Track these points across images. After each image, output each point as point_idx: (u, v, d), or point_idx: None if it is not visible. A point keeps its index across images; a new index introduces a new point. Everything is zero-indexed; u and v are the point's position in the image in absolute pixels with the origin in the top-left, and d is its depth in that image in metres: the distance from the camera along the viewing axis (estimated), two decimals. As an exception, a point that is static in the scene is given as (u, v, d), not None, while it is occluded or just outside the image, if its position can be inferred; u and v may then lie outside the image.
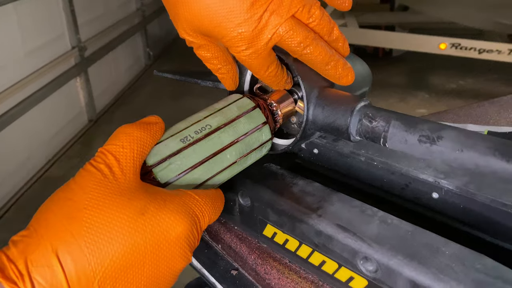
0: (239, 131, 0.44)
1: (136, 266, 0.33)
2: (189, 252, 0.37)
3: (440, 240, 0.38)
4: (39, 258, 0.31)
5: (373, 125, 0.42)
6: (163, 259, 0.35)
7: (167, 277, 0.36)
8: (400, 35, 2.99)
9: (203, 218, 0.38)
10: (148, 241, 0.34)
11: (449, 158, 0.37)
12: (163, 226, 0.35)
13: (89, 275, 0.31)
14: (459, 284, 0.34)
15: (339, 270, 0.42)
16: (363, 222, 0.41)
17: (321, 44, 0.44)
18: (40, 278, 0.30)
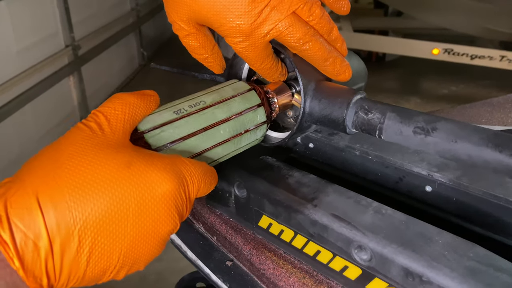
0: (233, 110, 0.44)
1: (119, 219, 0.32)
2: (176, 215, 0.36)
3: (433, 230, 0.39)
4: (18, 200, 0.30)
5: (369, 117, 0.42)
6: (148, 216, 0.34)
7: (153, 239, 0.35)
8: (394, 40, 3.02)
9: (192, 183, 0.37)
10: (132, 194, 0.33)
11: (443, 149, 0.38)
12: (149, 181, 0.34)
13: (69, 222, 0.30)
14: (452, 271, 0.35)
15: (334, 260, 0.43)
16: (357, 212, 0.42)
17: (320, 40, 0.44)
18: (18, 221, 0.29)
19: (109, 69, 3.63)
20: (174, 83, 3.58)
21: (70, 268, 0.31)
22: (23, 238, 0.29)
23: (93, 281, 0.33)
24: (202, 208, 0.57)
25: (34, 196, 0.30)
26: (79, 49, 3.04)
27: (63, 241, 0.30)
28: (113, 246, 0.32)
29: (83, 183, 0.32)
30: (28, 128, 2.54)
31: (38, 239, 0.29)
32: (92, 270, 0.32)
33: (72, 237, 0.30)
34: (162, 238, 0.36)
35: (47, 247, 0.30)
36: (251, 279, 0.49)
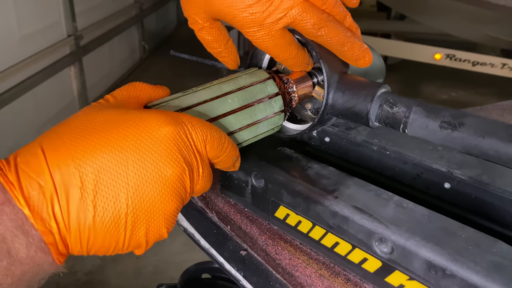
0: (240, 83, 0.45)
1: (118, 157, 0.33)
2: (180, 157, 0.35)
3: (456, 225, 0.39)
4: (25, 150, 0.32)
5: (393, 111, 0.42)
6: (148, 157, 0.33)
7: (160, 183, 0.34)
8: (396, 43, 3.03)
9: (194, 129, 0.36)
10: (128, 134, 0.33)
11: (470, 144, 0.38)
12: (146, 123, 0.34)
13: (68, 161, 0.31)
14: (476, 265, 0.35)
15: (353, 252, 0.43)
16: (379, 205, 0.42)
17: (336, 25, 0.44)
18: (23, 164, 0.31)
19: (110, 61, 3.62)
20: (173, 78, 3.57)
21: (77, 212, 0.31)
22: (27, 178, 0.30)
23: (110, 238, 0.32)
24: (216, 198, 0.56)
25: (38, 145, 0.32)
26: (81, 39, 3.02)
27: (66, 182, 0.31)
28: (117, 186, 0.32)
29: (81, 128, 0.33)
30: (28, 117, 2.52)
31: (41, 178, 0.30)
32: (102, 218, 0.32)
33: (74, 178, 0.31)
34: (170, 184, 0.34)
35: (51, 187, 0.30)
36: (266, 269, 0.49)
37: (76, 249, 0.32)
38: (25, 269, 0.30)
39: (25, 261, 0.30)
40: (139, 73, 3.98)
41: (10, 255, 0.29)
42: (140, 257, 1.94)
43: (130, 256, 1.94)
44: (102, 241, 0.32)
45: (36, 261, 0.30)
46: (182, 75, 3.60)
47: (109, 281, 1.85)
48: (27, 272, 0.30)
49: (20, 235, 0.30)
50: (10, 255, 0.29)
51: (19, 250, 0.30)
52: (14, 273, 0.29)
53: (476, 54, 2.77)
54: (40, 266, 0.31)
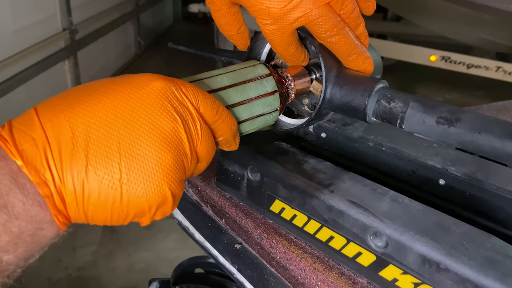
0: (230, 68, 0.45)
1: (108, 111, 0.33)
2: (170, 106, 0.35)
3: (451, 220, 0.39)
4: (21, 115, 0.33)
5: (391, 106, 0.43)
6: (139, 110, 0.34)
7: (154, 137, 0.34)
8: (392, 44, 3.04)
9: (184, 86, 0.37)
10: (118, 90, 0.34)
11: (466, 140, 0.38)
12: (135, 81, 0.35)
13: (59, 115, 0.32)
14: (470, 259, 0.35)
15: (347, 246, 0.43)
16: (374, 200, 0.42)
17: (347, 35, 0.45)
18: (17, 124, 0.32)
19: (105, 55, 3.60)
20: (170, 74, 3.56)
21: (70, 163, 0.31)
22: (20, 133, 0.31)
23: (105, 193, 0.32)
24: (211, 191, 0.56)
25: (32, 108, 0.33)
26: (76, 33, 3.00)
27: (57, 133, 0.31)
28: (107, 135, 0.32)
29: (71, 92, 0.34)
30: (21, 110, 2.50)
31: (33, 131, 0.31)
32: (95, 168, 0.31)
33: (65, 129, 0.31)
34: (163, 134, 0.34)
35: (43, 139, 0.31)
36: (260, 262, 0.49)
37: (73, 208, 0.31)
38: (22, 226, 0.30)
39: (22, 216, 0.29)
40: (134, 68, 3.97)
41: (6, 209, 0.29)
42: (132, 253, 1.93)
43: (122, 252, 1.93)
44: (98, 197, 0.31)
45: (33, 217, 0.30)
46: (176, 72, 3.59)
47: (101, 277, 1.84)
48: (24, 230, 0.30)
49: (15, 188, 0.29)
50: (6, 210, 0.29)
51: (14, 204, 0.29)
52: (11, 230, 0.29)
53: (471, 56, 2.78)
54: (38, 224, 0.30)
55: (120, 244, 1.97)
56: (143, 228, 2.04)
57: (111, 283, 1.82)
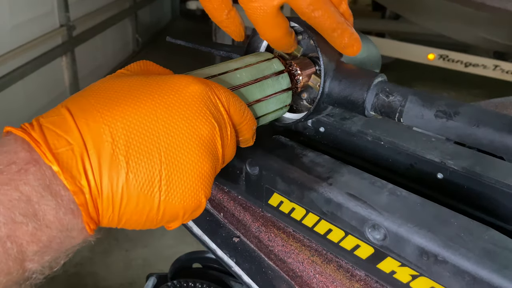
0: (247, 61, 0.45)
1: (149, 117, 0.31)
2: (210, 115, 0.34)
3: (449, 212, 0.39)
4: (50, 113, 0.31)
5: (389, 100, 0.43)
6: (178, 114, 0.33)
7: (192, 141, 0.33)
8: (390, 42, 3.04)
9: (217, 89, 0.36)
10: (155, 91, 0.33)
11: (464, 133, 0.38)
12: (172, 83, 0.34)
13: (97, 120, 0.30)
14: (468, 251, 0.35)
15: (345, 239, 0.43)
16: (373, 193, 0.42)
17: (330, 9, 0.44)
18: (49, 124, 0.29)
19: (102, 52, 3.59)
20: (168, 71, 3.55)
21: (109, 169, 0.29)
22: (54, 136, 0.29)
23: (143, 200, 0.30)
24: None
25: (63, 107, 0.31)
26: (73, 29, 3.00)
27: (95, 138, 0.29)
28: (149, 141, 0.31)
29: (106, 91, 0.32)
30: (18, 106, 2.50)
31: (70, 135, 0.29)
32: (135, 175, 0.30)
33: (104, 134, 0.29)
34: (202, 141, 0.33)
35: (80, 143, 0.29)
36: (258, 255, 0.49)
37: (107, 215, 0.30)
38: (53, 235, 0.28)
39: (53, 225, 0.28)
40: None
41: (36, 218, 0.27)
42: (129, 249, 1.93)
43: (119, 249, 1.93)
44: (136, 204, 0.30)
45: (65, 226, 0.28)
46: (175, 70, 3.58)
47: (98, 273, 1.84)
48: (54, 238, 0.28)
49: (48, 196, 0.27)
50: (36, 218, 0.27)
51: (46, 212, 0.27)
52: (40, 239, 0.27)
53: (469, 55, 2.79)
54: (69, 232, 0.29)
55: (118, 240, 1.97)
56: (140, 224, 2.04)
57: (108, 280, 1.82)
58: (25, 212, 0.26)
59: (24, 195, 0.26)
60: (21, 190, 0.26)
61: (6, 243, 0.25)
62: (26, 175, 0.27)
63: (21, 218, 0.26)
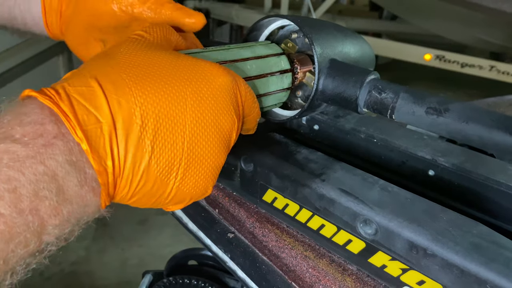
0: (257, 52, 0.45)
1: (179, 104, 0.31)
2: (233, 111, 0.34)
3: (438, 208, 0.40)
4: (76, 81, 0.29)
5: (382, 97, 0.43)
6: (206, 104, 0.33)
7: (214, 134, 0.33)
8: (387, 43, 3.05)
9: (240, 85, 0.36)
10: (187, 78, 0.32)
11: (454, 129, 0.39)
12: (203, 71, 0.33)
13: (130, 100, 0.29)
14: (456, 245, 0.36)
15: (338, 234, 0.44)
16: (364, 188, 0.43)
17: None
18: (77, 95, 0.28)
19: (100, 51, 3.58)
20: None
21: (134, 152, 0.29)
22: (84, 111, 0.28)
23: (159, 187, 0.31)
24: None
25: (93, 78, 0.29)
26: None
27: (125, 118, 0.29)
28: (176, 129, 0.31)
29: (137, 66, 0.31)
30: (15, 105, 2.49)
31: (100, 112, 0.28)
32: (157, 161, 0.30)
33: (134, 116, 0.29)
34: (223, 134, 0.34)
35: (109, 122, 0.28)
36: (252, 251, 0.50)
37: (122, 193, 0.30)
38: (73, 210, 0.28)
39: (74, 200, 0.27)
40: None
41: (59, 193, 0.26)
42: (125, 248, 1.93)
43: (115, 248, 1.93)
44: (151, 187, 0.31)
45: (85, 202, 0.28)
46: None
47: (94, 272, 1.84)
48: (73, 213, 0.28)
49: (73, 172, 0.27)
50: (59, 194, 0.26)
51: (69, 188, 0.27)
52: (61, 213, 0.27)
53: (465, 56, 2.80)
54: (87, 208, 0.29)
55: (114, 239, 1.97)
56: (136, 223, 2.04)
57: (104, 278, 1.82)
58: (49, 186, 0.26)
59: (49, 170, 0.26)
60: (47, 165, 0.26)
61: (28, 217, 0.25)
62: (53, 149, 0.26)
63: (45, 192, 0.26)
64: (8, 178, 0.24)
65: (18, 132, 0.26)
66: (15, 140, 0.25)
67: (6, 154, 0.25)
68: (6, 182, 0.24)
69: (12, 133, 0.26)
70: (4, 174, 0.24)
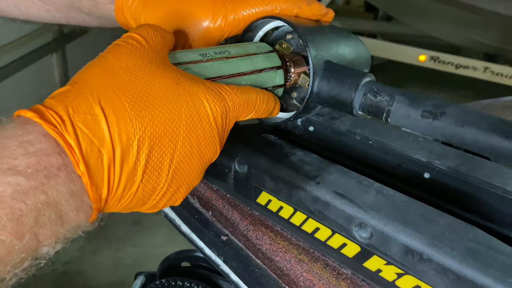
0: (256, 65, 0.45)
1: (171, 134, 0.33)
2: (217, 139, 0.37)
3: (434, 211, 0.40)
4: (80, 106, 0.30)
5: (377, 100, 0.43)
6: (195, 135, 0.35)
7: (197, 162, 0.36)
8: (382, 43, 3.06)
9: (233, 107, 0.38)
10: (183, 111, 0.34)
11: (450, 133, 0.39)
12: (196, 100, 0.35)
13: (129, 132, 0.31)
14: (452, 250, 0.35)
15: (332, 237, 0.43)
16: (360, 191, 0.42)
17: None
18: (82, 126, 0.29)
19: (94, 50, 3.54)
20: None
21: (126, 181, 0.31)
22: (88, 143, 0.29)
23: (140, 202, 0.34)
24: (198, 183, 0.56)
25: (97, 104, 0.30)
26: (64, 26, 2.96)
27: (124, 150, 0.30)
28: (164, 161, 0.33)
29: (139, 94, 0.32)
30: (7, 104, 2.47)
31: (102, 145, 0.29)
32: (144, 186, 0.33)
33: (131, 147, 0.31)
34: (204, 162, 0.37)
35: (110, 155, 0.29)
36: (246, 254, 0.49)
37: (107, 210, 0.33)
38: (67, 230, 0.30)
39: (70, 222, 0.30)
40: (123, 64, 3.93)
41: (61, 219, 0.29)
42: (119, 248, 1.92)
43: (108, 248, 1.92)
44: (134, 203, 0.34)
45: (79, 223, 0.30)
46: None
47: (87, 272, 1.83)
48: (67, 233, 0.30)
49: (71, 200, 0.29)
50: (60, 219, 0.29)
51: (67, 214, 0.29)
52: (58, 234, 0.29)
53: (460, 57, 2.81)
54: (79, 228, 0.31)
55: (107, 239, 1.96)
56: (130, 223, 2.03)
57: (97, 279, 1.80)
58: (50, 214, 0.28)
59: (51, 199, 0.28)
60: (49, 195, 0.27)
61: (27, 242, 0.27)
62: (56, 181, 0.28)
63: (45, 219, 0.27)
64: (11, 209, 0.26)
65: (22, 163, 0.27)
66: (19, 172, 0.26)
67: (10, 186, 0.26)
68: (9, 213, 0.26)
69: (16, 164, 0.27)
70: (8, 205, 0.26)
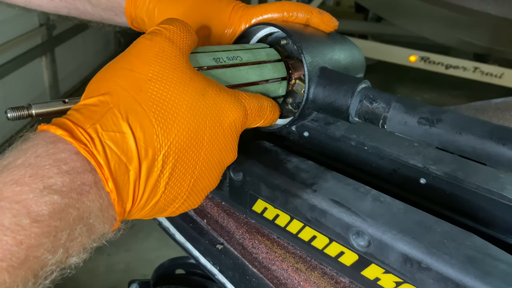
0: (265, 75, 0.45)
1: (196, 147, 0.34)
2: (236, 145, 0.38)
3: (432, 219, 0.40)
4: (109, 123, 0.30)
5: (373, 106, 0.43)
6: (217, 146, 0.36)
7: (217, 169, 0.37)
8: (372, 44, 3.07)
9: (251, 114, 0.39)
10: (207, 123, 0.35)
11: (446, 140, 0.38)
12: (220, 110, 0.36)
13: (156, 147, 0.31)
14: (451, 258, 0.35)
15: (330, 245, 0.43)
16: (357, 199, 0.42)
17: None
18: (111, 143, 0.30)
19: (83, 52, 3.54)
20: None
21: (149, 194, 0.32)
22: (117, 161, 0.30)
23: (160, 211, 0.35)
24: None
25: (125, 121, 0.31)
26: (53, 29, 2.94)
27: (149, 165, 0.31)
28: (187, 173, 0.34)
29: (166, 109, 0.32)
30: (-3, 107, 2.44)
31: (130, 162, 0.30)
32: (166, 197, 0.33)
33: (156, 162, 0.32)
34: (223, 167, 0.38)
35: (136, 171, 0.30)
36: (242, 263, 0.49)
37: (128, 218, 0.34)
38: (93, 240, 0.31)
39: (97, 234, 0.31)
40: (114, 66, 3.90)
41: (89, 231, 0.30)
42: (112, 254, 1.90)
43: (101, 254, 1.90)
44: (154, 212, 0.34)
45: (103, 233, 0.32)
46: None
47: (80, 278, 1.80)
48: (94, 242, 0.31)
49: (100, 214, 0.30)
50: (89, 232, 0.30)
51: (95, 227, 0.30)
52: (86, 245, 0.31)
53: (450, 57, 2.83)
54: (103, 237, 0.32)
55: (99, 244, 1.94)
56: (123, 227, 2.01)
57: (90, 285, 1.78)
58: (81, 229, 0.29)
59: (83, 215, 0.29)
60: (81, 211, 0.28)
61: (60, 255, 0.28)
62: (87, 197, 0.29)
63: (77, 234, 0.29)
64: (48, 227, 0.27)
65: (58, 182, 0.28)
66: (55, 191, 0.27)
67: (47, 205, 0.27)
68: (46, 232, 0.27)
69: (51, 183, 0.27)
70: (45, 224, 0.27)
